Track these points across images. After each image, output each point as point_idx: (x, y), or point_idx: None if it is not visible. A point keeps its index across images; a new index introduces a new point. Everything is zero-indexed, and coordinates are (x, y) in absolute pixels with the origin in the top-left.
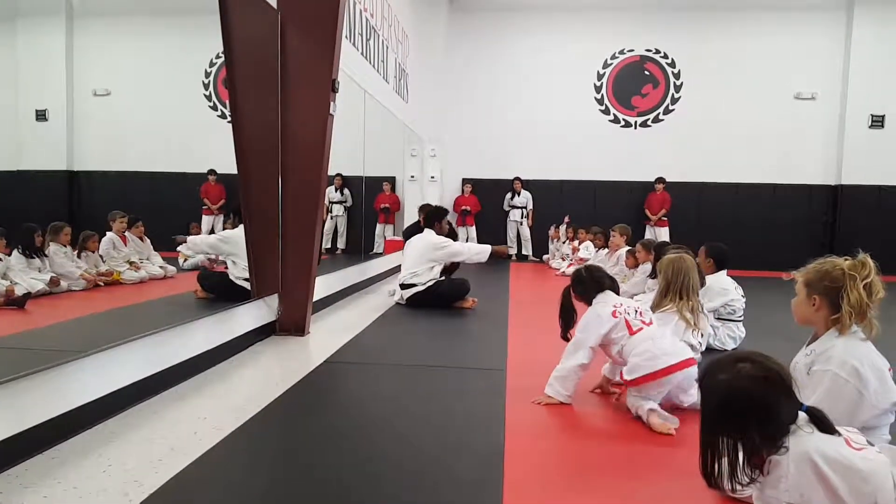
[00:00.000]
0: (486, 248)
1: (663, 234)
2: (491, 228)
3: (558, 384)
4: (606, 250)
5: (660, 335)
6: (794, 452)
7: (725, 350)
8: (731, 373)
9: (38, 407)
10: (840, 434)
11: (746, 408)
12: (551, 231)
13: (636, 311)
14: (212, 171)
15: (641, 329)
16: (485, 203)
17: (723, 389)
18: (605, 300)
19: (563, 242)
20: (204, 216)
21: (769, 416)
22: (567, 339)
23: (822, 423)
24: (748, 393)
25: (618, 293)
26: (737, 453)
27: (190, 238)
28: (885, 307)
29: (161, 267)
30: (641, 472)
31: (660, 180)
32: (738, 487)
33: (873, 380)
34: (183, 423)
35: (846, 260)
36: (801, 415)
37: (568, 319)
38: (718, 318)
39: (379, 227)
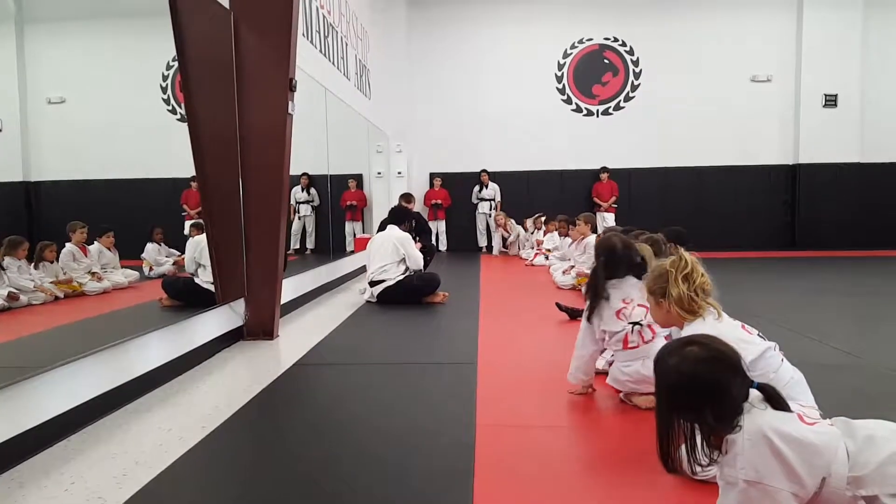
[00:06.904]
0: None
1: (610, 219)
2: (460, 222)
3: (579, 373)
4: (569, 240)
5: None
6: (748, 430)
7: None
8: (680, 356)
9: None
10: (792, 410)
11: (697, 390)
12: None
13: (638, 325)
14: (194, 178)
15: (637, 347)
16: (453, 196)
17: (673, 373)
18: (620, 290)
19: (532, 233)
20: (186, 222)
21: (721, 397)
22: (590, 321)
23: (775, 399)
24: (697, 375)
25: (640, 277)
26: (694, 436)
27: (182, 262)
28: (839, 281)
29: (125, 276)
30: (609, 462)
31: (604, 169)
32: (699, 469)
33: None
34: (148, 435)
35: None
36: (754, 392)
37: (595, 301)
38: None
39: (348, 225)
